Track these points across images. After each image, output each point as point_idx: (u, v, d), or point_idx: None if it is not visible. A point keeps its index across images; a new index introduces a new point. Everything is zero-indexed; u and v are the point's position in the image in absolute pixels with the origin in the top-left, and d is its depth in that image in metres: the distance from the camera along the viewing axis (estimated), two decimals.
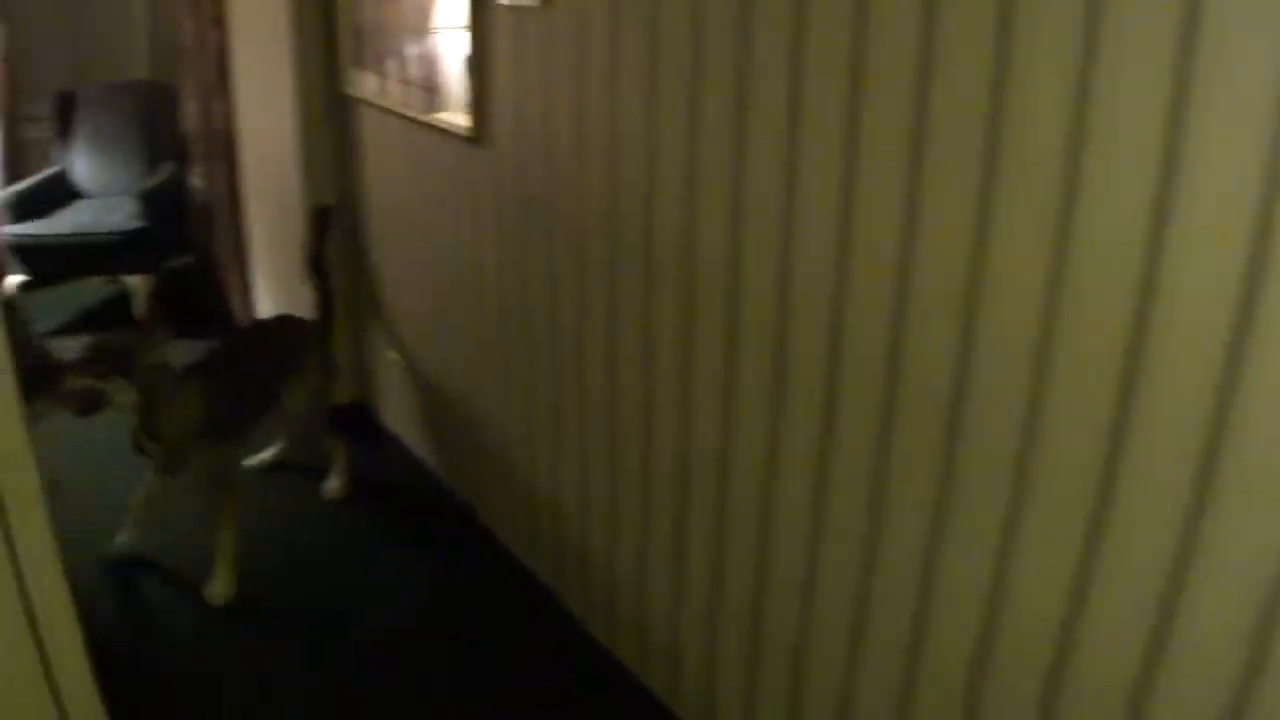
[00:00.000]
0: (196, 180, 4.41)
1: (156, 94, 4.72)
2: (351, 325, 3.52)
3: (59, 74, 5.04)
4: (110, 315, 4.59)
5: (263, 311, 4.17)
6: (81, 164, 4.78)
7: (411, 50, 2.67)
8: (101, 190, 4.75)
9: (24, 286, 4.46)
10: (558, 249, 2.25)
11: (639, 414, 2.11)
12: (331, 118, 3.27)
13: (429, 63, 2.59)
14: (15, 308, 2.86)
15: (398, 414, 3.42)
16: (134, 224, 4.33)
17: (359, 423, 3.51)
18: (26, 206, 4.47)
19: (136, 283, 4.51)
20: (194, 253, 4.77)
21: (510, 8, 2.20)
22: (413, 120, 2.74)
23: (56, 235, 4.34)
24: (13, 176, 4.86)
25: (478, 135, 2.44)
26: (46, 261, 4.41)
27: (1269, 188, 1.05)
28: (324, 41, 3.15)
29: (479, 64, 2.38)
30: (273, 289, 4.02)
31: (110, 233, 4.32)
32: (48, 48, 5.04)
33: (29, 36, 4.96)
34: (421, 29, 2.59)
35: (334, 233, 3.23)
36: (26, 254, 4.37)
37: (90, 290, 4.80)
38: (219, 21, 3.69)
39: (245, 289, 4.34)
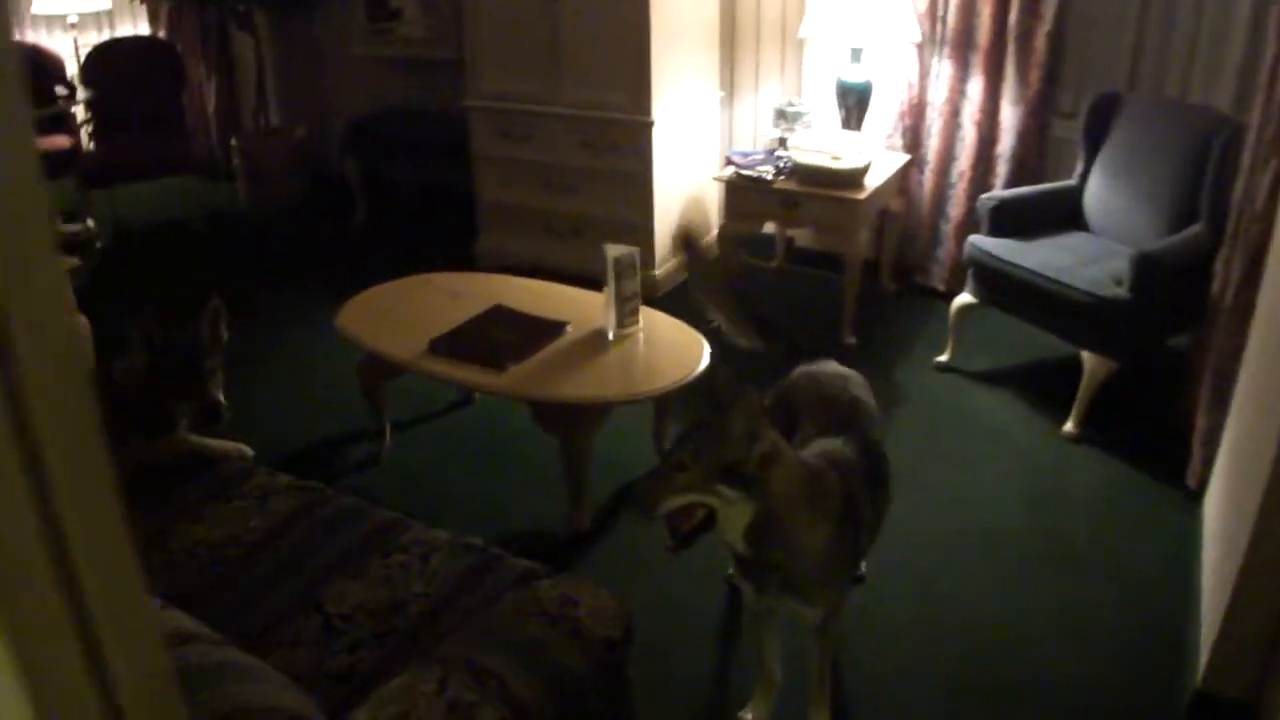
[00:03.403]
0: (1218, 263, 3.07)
1: (1213, 129, 3.26)
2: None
3: (1115, 70, 3.88)
4: (1054, 385, 3.58)
5: (1219, 475, 2.83)
6: (1095, 188, 3.64)
7: None
8: (1105, 228, 3.59)
9: (961, 310, 3.66)
10: None
11: None
12: None
13: None
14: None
15: None
16: (1111, 291, 3.13)
17: None
18: (1011, 218, 3.58)
19: (1094, 362, 3.25)
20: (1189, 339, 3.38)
21: None
22: None
23: (1014, 265, 3.39)
24: (1019, 177, 3.97)
25: None
26: (996, 290, 3.52)
27: None
28: None
29: None
30: (1236, 450, 2.65)
31: (1078, 289, 3.19)
32: (1110, 36, 3.87)
33: (1089, 19, 3.87)
34: None
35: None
36: (980, 272, 3.56)
37: (1039, 344, 3.74)
38: None
39: (1211, 431, 2.99)
